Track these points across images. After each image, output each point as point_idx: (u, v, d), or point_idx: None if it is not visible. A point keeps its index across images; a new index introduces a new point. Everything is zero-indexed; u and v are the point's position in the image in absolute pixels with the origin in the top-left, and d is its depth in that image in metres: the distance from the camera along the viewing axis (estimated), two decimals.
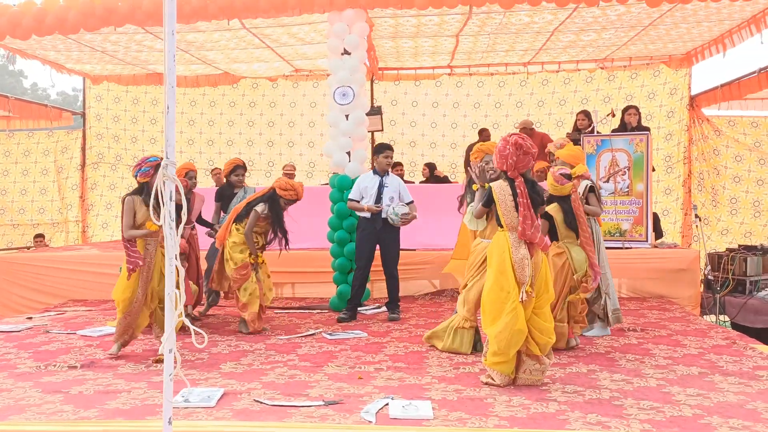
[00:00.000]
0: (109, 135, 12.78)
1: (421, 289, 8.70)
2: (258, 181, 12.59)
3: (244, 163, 7.40)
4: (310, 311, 7.70)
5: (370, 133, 11.70)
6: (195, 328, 3.15)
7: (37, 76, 39.00)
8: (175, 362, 3.13)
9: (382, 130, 11.39)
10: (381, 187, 7.02)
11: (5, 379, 4.87)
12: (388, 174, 7.16)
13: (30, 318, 7.46)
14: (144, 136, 12.94)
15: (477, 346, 5.52)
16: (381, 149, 7.15)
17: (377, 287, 8.29)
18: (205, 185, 10.59)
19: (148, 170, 5.33)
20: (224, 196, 7.35)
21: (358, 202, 7.09)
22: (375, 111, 11.01)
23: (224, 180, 7.44)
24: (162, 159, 5.25)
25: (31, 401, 4.30)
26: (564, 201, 5.59)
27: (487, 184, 5.27)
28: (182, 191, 3.17)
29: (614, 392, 4.36)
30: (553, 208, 5.60)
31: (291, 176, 11.14)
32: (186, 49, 9.98)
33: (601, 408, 4.03)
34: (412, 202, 7.13)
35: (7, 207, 12.75)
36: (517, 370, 4.60)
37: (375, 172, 7.13)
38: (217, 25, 8.54)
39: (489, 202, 4.90)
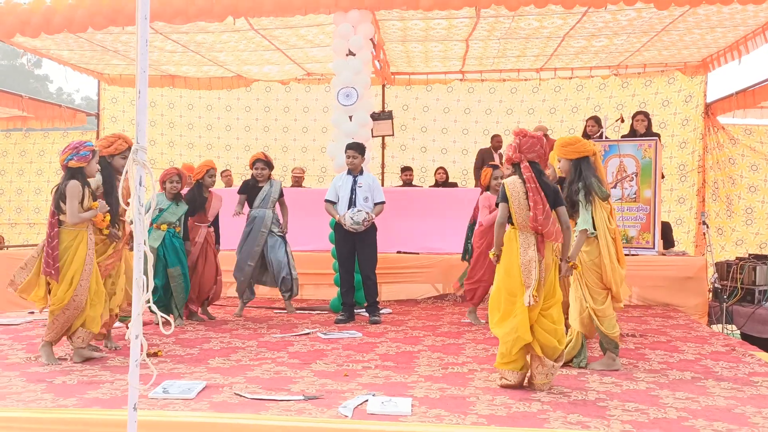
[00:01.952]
0: None
1: (425, 292, 8.65)
2: None
3: (265, 157, 7.39)
4: (310, 312, 7.67)
5: (381, 138, 11.70)
6: (161, 314, 3.13)
7: (62, 81, 39.70)
8: (142, 348, 3.11)
9: (393, 134, 11.31)
10: (354, 186, 6.98)
11: None
12: (362, 173, 7.09)
13: (32, 312, 7.53)
14: (163, 140, 13.01)
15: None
16: (345, 149, 7.09)
17: (384, 289, 8.28)
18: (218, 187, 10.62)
19: (87, 155, 5.09)
20: (251, 188, 7.35)
21: (335, 203, 7.04)
22: (386, 116, 10.95)
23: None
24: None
25: (13, 389, 4.32)
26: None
27: None
28: (153, 177, 3.15)
29: (601, 394, 4.26)
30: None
31: (300, 179, 11.18)
32: (196, 50, 10.06)
33: (584, 409, 3.94)
34: (382, 203, 7.07)
35: (23, 206, 12.96)
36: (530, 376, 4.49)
37: (348, 171, 7.09)
38: (226, 26, 8.59)
39: (503, 198, 4.55)
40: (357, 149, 7.05)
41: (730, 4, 7.46)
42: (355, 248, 7.03)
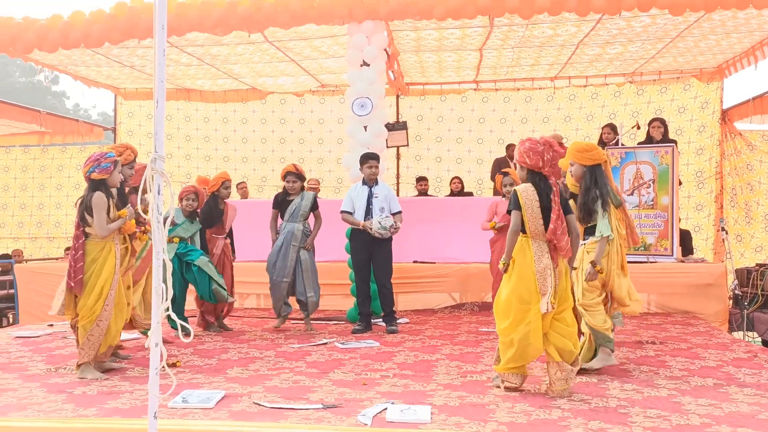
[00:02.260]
0: (142, 151, 12.98)
1: (442, 302, 8.62)
2: None
3: (296, 170, 7.19)
4: (327, 322, 7.67)
5: (396, 148, 11.71)
6: (181, 322, 3.15)
7: (79, 97, 40.26)
8: (161, 358, 3.12)
9: (408, 145, 11.31)
10: (370, 197, 6.98)
11: (14, 380, 4.94)
12: (377, 184, 7.08)
13: (51, 325, 7.59)
14: (179, 153, 13.11)
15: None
16: (364, 159, 7.06)
17: (401, 299, 8.28)
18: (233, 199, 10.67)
19: (108, 166, 5.07)
20: (281, 202, 7.24)
21: (351, 213, 7.04)
22: (400, 126, 10.96)
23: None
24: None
25: (34, 400, 4.34)
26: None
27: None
28: (171, 187, 3.17)
29: (622, 401, 4.22)
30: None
31: (315, 190, 11.20)
32: (211, 62, 10.14)
33: (605, 415, 3.90)
34: (399, 212, 7.07)
35: (44, 220, 13.11)
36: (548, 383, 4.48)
37: (364, 182, 7.08)
38: (240, 38, 8.67)
39: (516, 205, 4.49)
40: (378, 159, 7.08)
41: (745, 9, 7.43)
42: (371, 257, 7.03)
